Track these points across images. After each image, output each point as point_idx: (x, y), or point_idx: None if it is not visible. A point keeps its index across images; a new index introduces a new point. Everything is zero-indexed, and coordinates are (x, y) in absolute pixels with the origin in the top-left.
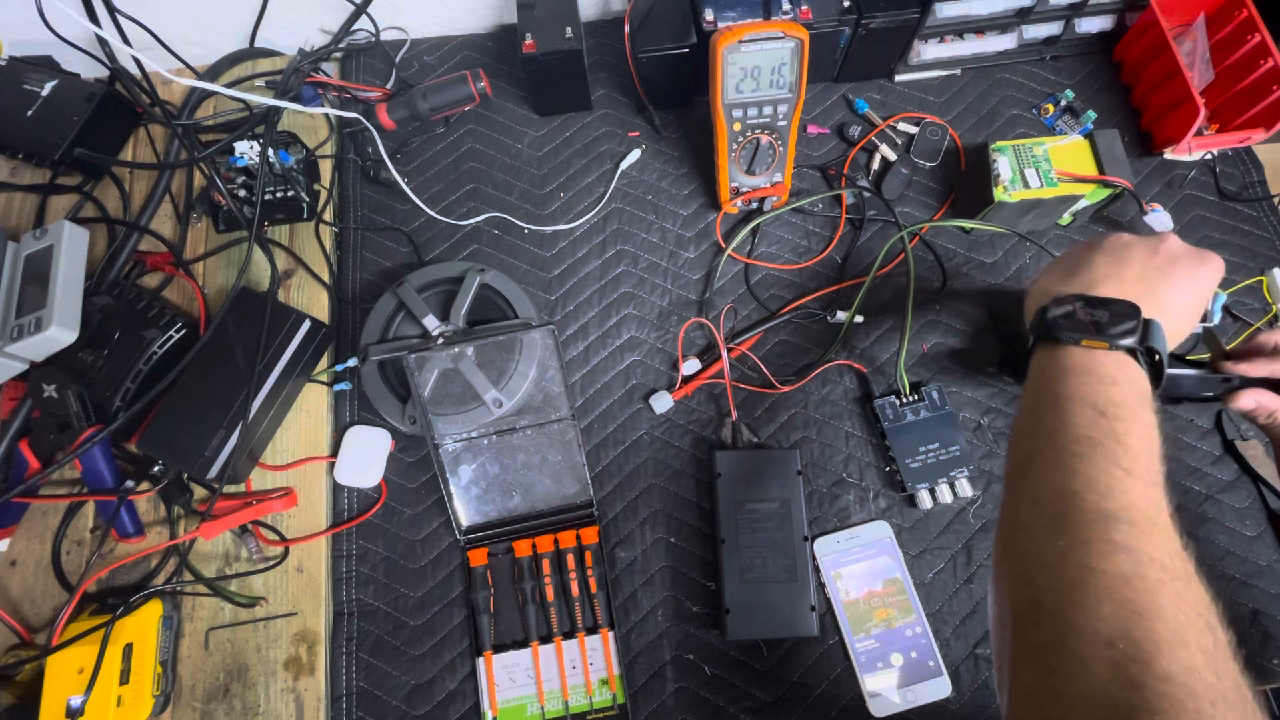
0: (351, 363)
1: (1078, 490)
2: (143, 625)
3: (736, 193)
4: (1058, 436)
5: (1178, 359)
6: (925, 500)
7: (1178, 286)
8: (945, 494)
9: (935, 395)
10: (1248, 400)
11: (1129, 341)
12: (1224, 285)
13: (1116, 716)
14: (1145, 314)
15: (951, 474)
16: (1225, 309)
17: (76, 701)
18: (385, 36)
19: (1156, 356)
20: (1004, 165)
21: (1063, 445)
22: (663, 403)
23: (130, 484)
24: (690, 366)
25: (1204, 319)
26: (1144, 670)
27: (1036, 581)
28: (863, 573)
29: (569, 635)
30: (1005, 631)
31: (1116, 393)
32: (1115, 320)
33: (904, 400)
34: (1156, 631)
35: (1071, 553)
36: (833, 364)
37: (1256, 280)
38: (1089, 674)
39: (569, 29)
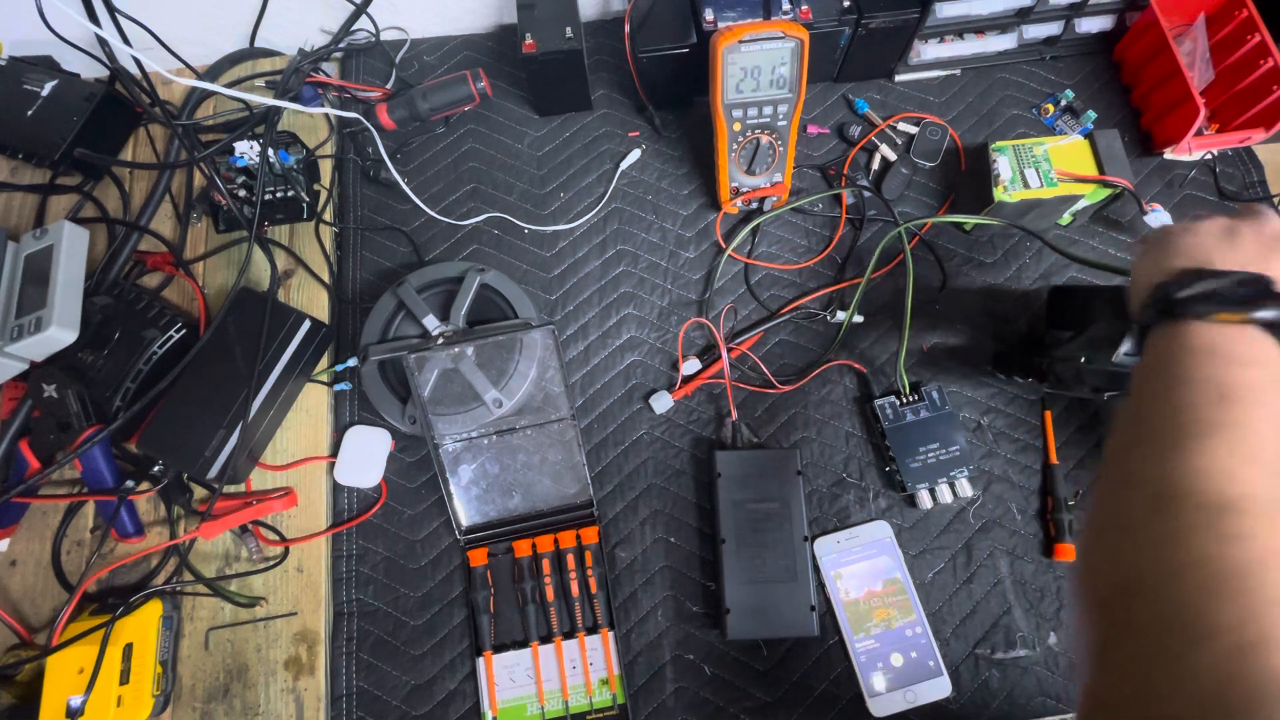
0: (351, 363)
1: (1190, 476)
2: (143, 625)
3: (736, 193)
4: (1172, 420)
5: None
6: (925, 500)
7: None
8: (945, 494)
9: (935, 395)
10: None
11: (1268, 314)
12: None
13: (1224, 701)
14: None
15: (951, 474)
16: None
17: (76, 701)
18: (385, 36)
19: None
20: (1004, 165)
21: (1179, 428)
22: (662, 403)
23: (130, 484)
24: (690, 366)
25: None
26: (1261, 661)
27: (1141, 564)
28: (863, 573)
29: (569, 635)
30: (1099, 606)
31: (1246, 375)
32: (1251, 291)
33: (904, 400)
34: (1277, 625)
35: (1182, 539)
36: (832, 364)
37: None
38: (1202, 654)
39: (569, 29)
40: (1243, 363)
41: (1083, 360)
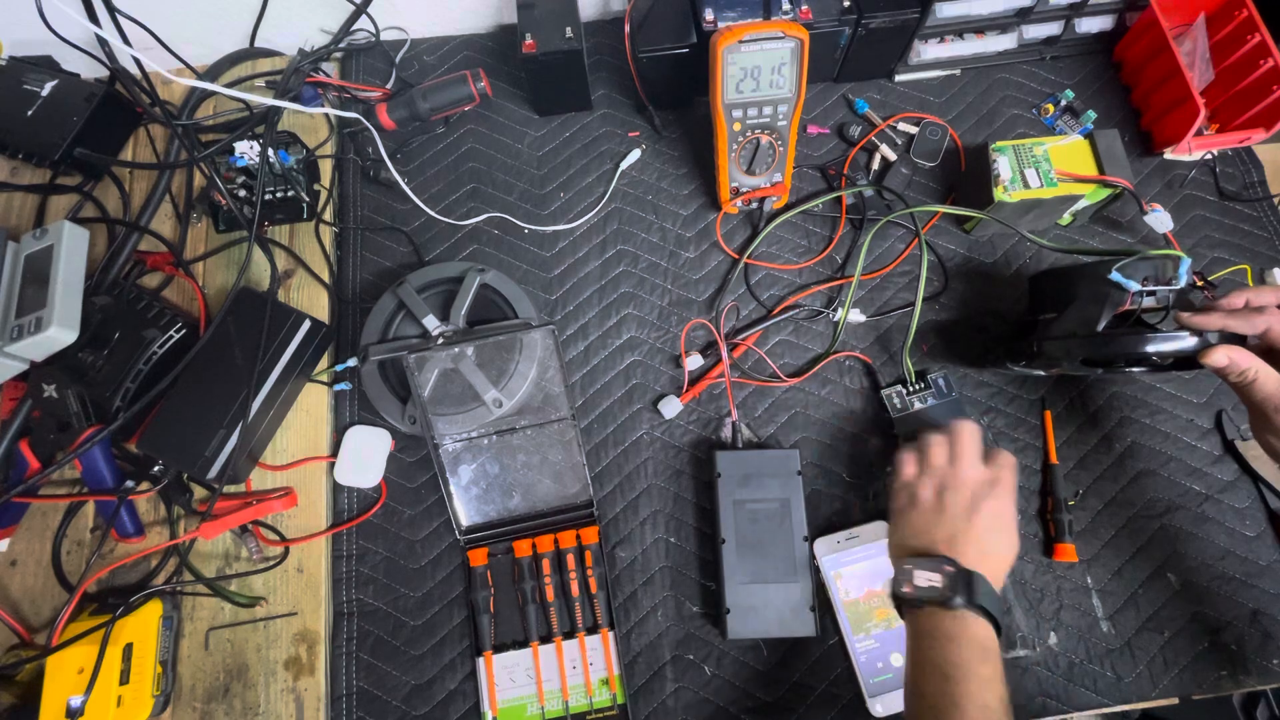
0: (351, 363)
1: None
2: (143, 625)
3: (736, 193)
4: (915, 705)
5: (1140, 321)
6: None
7: (986, 523)
8: None
9: (941, 382)
10: (1220, 356)
11: (958, 601)
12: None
13: None
14: (967, 563)
15: None
16: (1198, 275)
17: (76, 701)
18: (385, 36)
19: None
20: (1004, 165)
21: (923, 714)
22: (672, 407)
23: (130, 484)
24: (693, 362)
25: (1169, 282)
26: None
27: None
28: (863, 573)
29: (569, 635)
30: None
31: (955, 653)
32: (948, 584)
33: (910, 389)
34: None
35: None
36: (838, 355)
37: (1241, 268)
38: None
39: (569, 29)
40: (951, 639)
41: (1072, 335)
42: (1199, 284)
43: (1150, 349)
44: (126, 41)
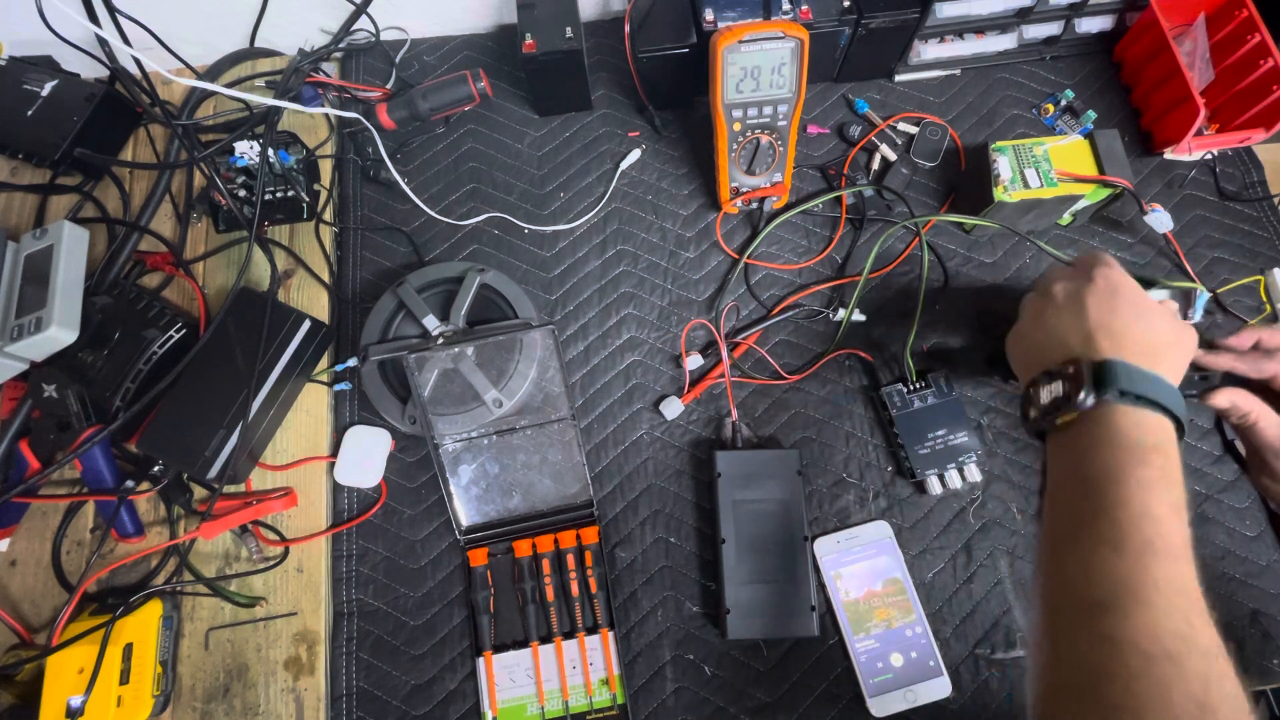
0: (351, 363)
1: (1066, 582)
2: (143, 625)
3: (736, 193)
4: (1054, 527)
5: None
6: (935, 486)
7: (1130, 311)
8: (955, 479)
9: (942, 382)
10: (1222, 399)
11: (1087, 400)
12: (1220, 283)
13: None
14: (1101, 355)
15: (960, 459)
16: (1218, 303)
17: (76, 701)
18: (385, 36)
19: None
20: (1004, 165)
21: (1058, 534)
22: (673, 408)
23: (130, 484)
24: (693, 361)
25: (1185, 317)
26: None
27: (1043, 683)
28: (863, 573)
29: (569, 635)
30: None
31: (1098, 460)
32: (1072, 385)
33: (911, 387)
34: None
35: (1065, 652)
36: (839, 352)
37: (1255, 280)
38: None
39: (569, 29)
40: (1089, 448)
41: None
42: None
43: None
44: (126, 41)
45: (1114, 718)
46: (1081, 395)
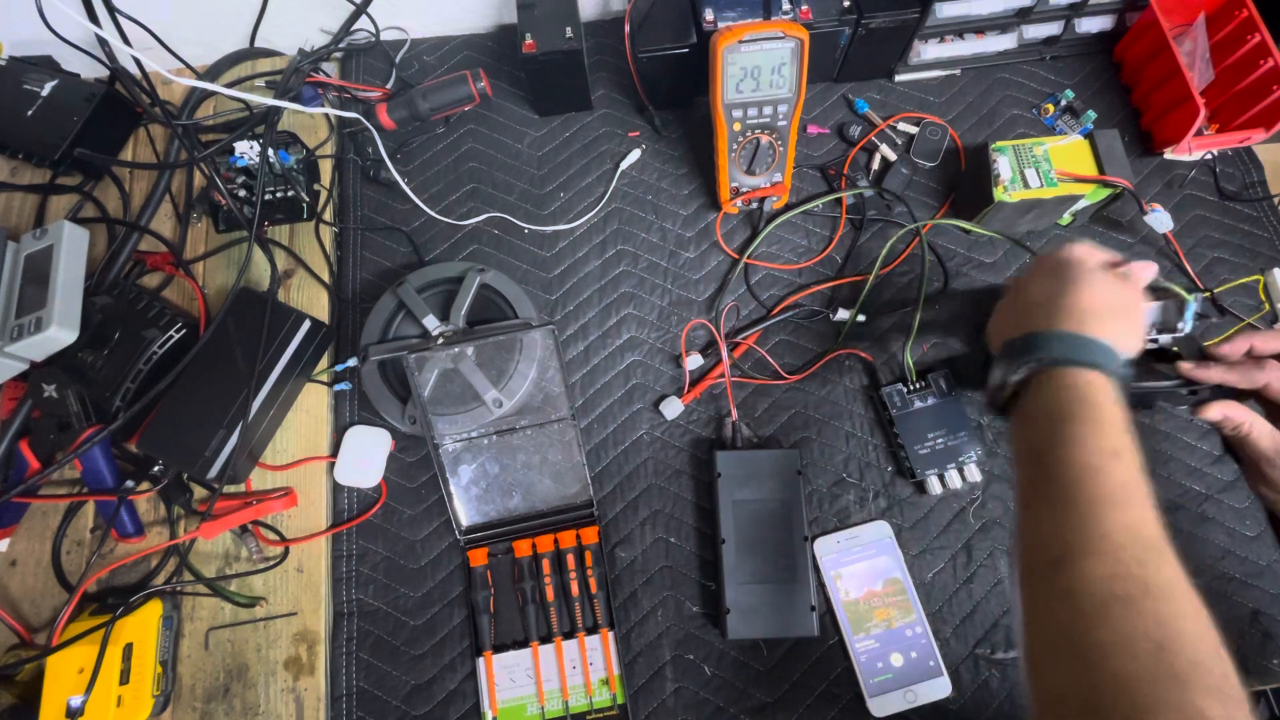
0: (351, 363)
1: (1027, 547)
2: (143, 625)
3: (736, 193)
4: (1017, 498)
5: (1148, 367)
6: (935, 486)
7: (1059, 286)
8: (955, 479)
9: (942, 382)
10: (1214, 412)
11: (1011, 375)
12: (1219, 283)
13: None
14: (1033, 330)
15: (960, 459)
16: (1215, 303)
17: (76, 701)
18: (385, 36)
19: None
20: (1004, 165)
21: (1020, 504)
22: (673, 408)
23: (130, 484)
24: (693, 361)
25: (1173, 330)
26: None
27: (1025, 645)
28: (863, 573)
29: (569, 635)
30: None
31: (1039, 428)
32: (1006, 364)
33: (911, 387)
34: (1098, 678)
35: (1038, 611)
36: (840, 353)
37: (1254, 280)
38: None
39: (569, 29)
40: (1033, 416)
41: None
42: (1206, 294)
43: (1152, 401)
44: (126, 41)
45: (1083, 666)
46: (1009, 371)
